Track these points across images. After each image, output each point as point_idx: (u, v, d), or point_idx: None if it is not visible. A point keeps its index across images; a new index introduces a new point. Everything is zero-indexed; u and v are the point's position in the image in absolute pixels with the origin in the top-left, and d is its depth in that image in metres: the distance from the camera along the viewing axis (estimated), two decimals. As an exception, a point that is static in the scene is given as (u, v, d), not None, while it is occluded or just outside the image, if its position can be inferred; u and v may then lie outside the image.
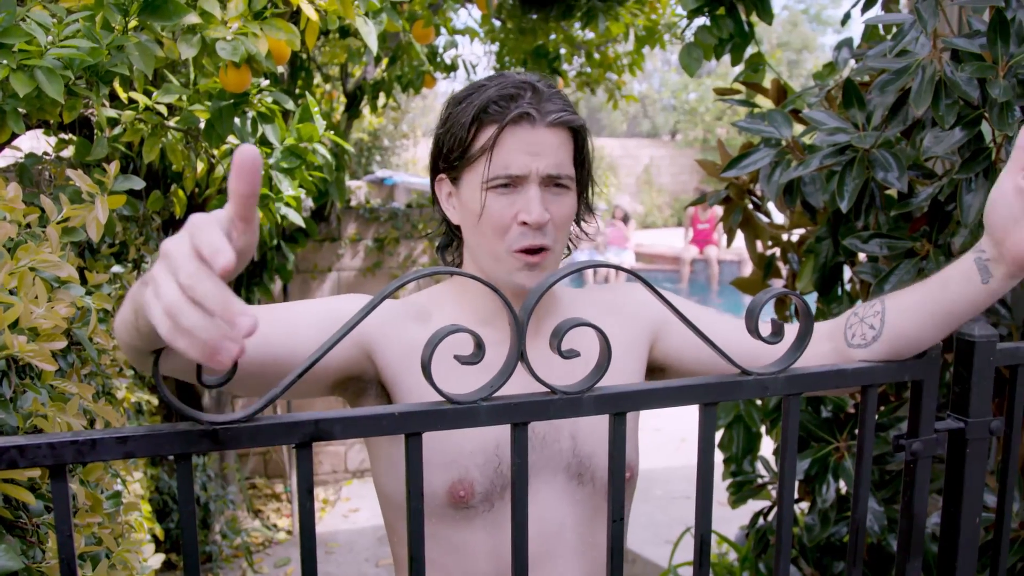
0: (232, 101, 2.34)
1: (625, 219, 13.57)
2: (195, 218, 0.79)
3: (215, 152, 2.66)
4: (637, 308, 1.47)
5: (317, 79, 5.05)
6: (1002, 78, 1.66)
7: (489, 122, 1.30)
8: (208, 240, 0.76)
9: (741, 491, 2.63)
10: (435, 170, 1.41)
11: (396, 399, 1.32)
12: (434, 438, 1.22)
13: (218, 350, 0.76)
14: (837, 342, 1.36)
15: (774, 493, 2.59)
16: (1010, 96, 1.63)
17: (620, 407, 1.06)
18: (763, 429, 2.67)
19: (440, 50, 4.75)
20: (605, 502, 1.37)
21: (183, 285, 0.76)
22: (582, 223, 1.49)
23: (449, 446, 1.29)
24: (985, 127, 1.75)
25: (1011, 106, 1.63)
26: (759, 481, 2.63)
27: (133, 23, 1.89)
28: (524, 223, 1.29)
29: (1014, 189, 1.13)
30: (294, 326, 1.24)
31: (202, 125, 2.39)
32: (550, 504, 1.34)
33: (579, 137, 1.35)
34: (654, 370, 1.50)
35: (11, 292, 1.41)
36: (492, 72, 5.43)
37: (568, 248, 1.48)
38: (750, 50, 2.96)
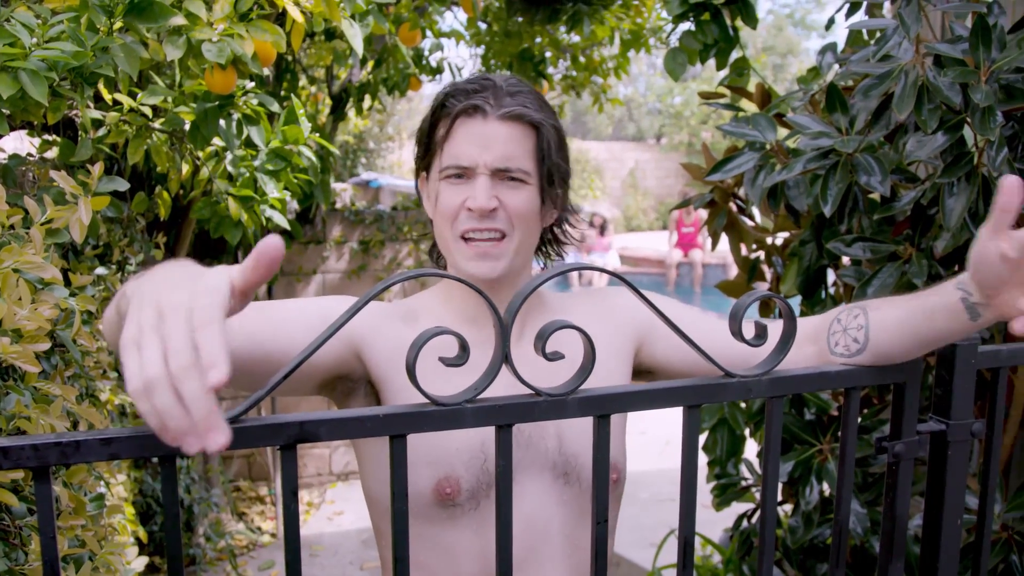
0: (217, 103, 2.33)
1: (603, 227, 13.49)
2: (203, 300, 0.78)
3: (200, 154, 2.65)
4: (624, 312, 1.47)
5: (303, 81, 5.05)
6: (984, 83, 1.67)
7: (445, 115, 1.33)
8: (209, 345, 0.76)
9: (725, 493, 2.64)
10: (418, 168, 1.43)
11: (385, 398, 1.32)
12: (419, 436, 1.22)
13: (177, 439, 0.77)
14: (821, 345, 1.36)
15: (758, 495, 2.60)
16: (992, 101, 1.64)
17: (604, 409, 1.07)
18: (747, 432, 2.68)
19: (426, 53, 4.76)
20: (591, 503, 1.38)
21: (171, 372, 0.75)
22: (566, 227, 1.50)
23: (435, 444, 1.29)
24: (967, 131, 1.76)
25: (993, 111, 1.64)
26: (743, 483, 2.64)
27: (118, 24, 1.88)
28: (470, 209, 1.31)
29: (998, 255, 1.08)
30: (283, 324, 1.24)
31: (187, 127, 2.38)
32: (537, 503, 1.34)
33: (540, 133, 1.34)
34: (643, 373, 1.50)
35: (-6, 294, 1.40)
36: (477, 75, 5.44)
37: (557, 253, 1.50)
38: (735, 54, 2.97)
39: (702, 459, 2.69)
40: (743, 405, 2.67)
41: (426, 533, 1.31)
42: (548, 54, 5.49)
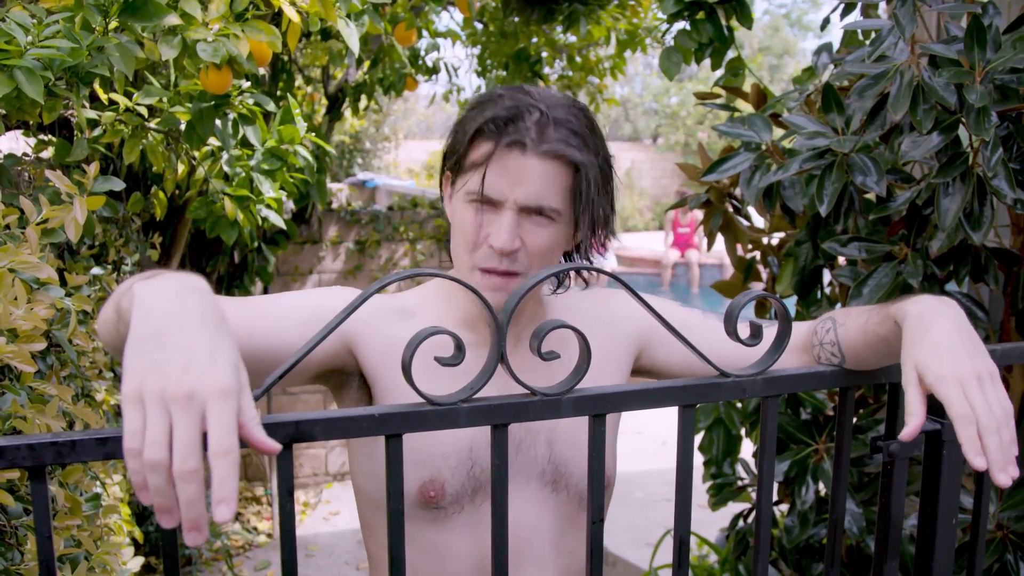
0: (213, 103, 2.33)
1: None
2: (217, 411, 0.78)
3: (196, 154, 2.65)
4: (624, 315, 1.46)
5: (298, 81, 5.04)
6: (979, 83, 1.68)
7: (484, 139, 1.26)
8: (222, 477, 0.76)
9: (721, 493, 2.64)
10: (443, 167, 1.40)
11: (377, 395, 1.32)
12: (409, 437, 1.22)
13: (160, 512, 0.77)
14: (812, 354, 1.37)
15: (754, 495, 2.61)
16: (987, 101, 1.64)
17: (599, 409, 1.07)
18: (743, 431, 2.68)
19: (422, 53, 4.75)
20: (579, 510, 1.37)
21: (175, 470, 0.75)
22: (590, 258, 1.47)
23: (421, 446, 1.28)
24: (962, 131, 1.76)
25: (988, 111, 1.65)
26: (739, 483, 2.64)
27: (113, 24, 1.88)
28: (491, 246, 1.27)
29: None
30: (279, 320, 1.23)
31: (183, 126, 2.38)
32: (523, 510, 1.34)
33: (579, 173, 1.27)
34: (644, 375, 1.50)
35: (-10, 293, 1.40)
36: (473, 75, 5.42)
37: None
38: (730, 54, 2.97)
39: (698, 459, 2.69)
40: (739, 405, 2.67)
41: (411, 533, 1.30)
42: (544, 54, 5.49)
